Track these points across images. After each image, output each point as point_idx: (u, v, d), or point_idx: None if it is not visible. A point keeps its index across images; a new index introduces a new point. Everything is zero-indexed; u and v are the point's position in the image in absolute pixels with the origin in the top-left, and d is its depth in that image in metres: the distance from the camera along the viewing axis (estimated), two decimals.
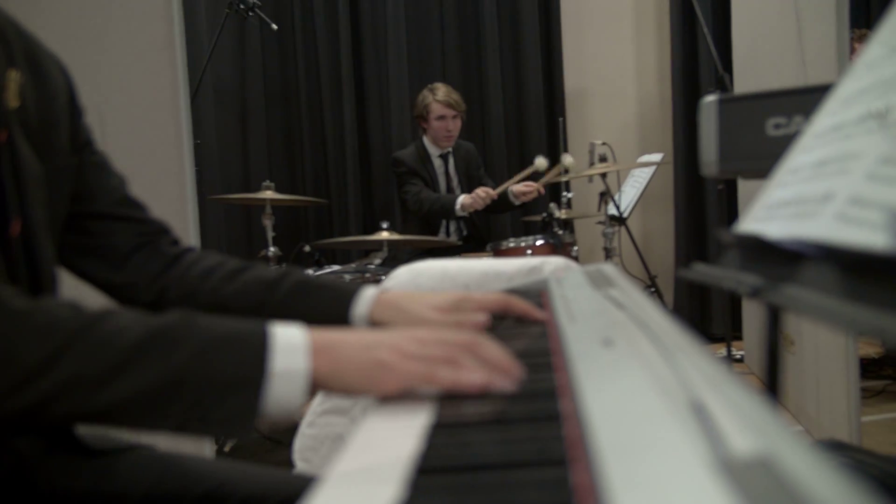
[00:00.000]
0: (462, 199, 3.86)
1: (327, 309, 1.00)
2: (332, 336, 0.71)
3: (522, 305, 0.98)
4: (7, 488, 0.83)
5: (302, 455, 1.79)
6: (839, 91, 0.81)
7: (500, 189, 3.89)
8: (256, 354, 0.66)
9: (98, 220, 1.03)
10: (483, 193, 3.83)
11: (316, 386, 0.68)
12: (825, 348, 2.66)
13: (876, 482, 0.81)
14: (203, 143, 4.29)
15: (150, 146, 2.34)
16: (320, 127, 4.84)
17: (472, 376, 0.67)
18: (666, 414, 0.47)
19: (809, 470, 0.36)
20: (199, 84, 3.74)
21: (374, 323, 0.98)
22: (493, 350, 0.71)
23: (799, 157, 0.82)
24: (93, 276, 1.03)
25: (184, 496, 0.89)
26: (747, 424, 0.43)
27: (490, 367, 0.68)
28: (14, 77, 0.89)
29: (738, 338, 4.25)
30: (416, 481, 0.48)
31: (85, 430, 0.95)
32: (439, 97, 3.99)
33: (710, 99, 1.24)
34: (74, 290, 1.04)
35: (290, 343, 0.68)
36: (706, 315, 4.93)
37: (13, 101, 0.88)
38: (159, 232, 1.08)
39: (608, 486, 0.40)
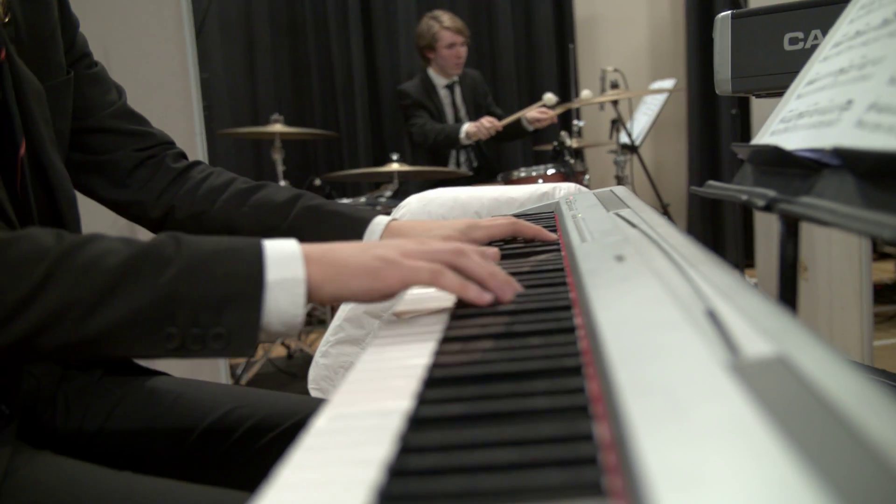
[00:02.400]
0: (467, 127, 3.81)
1: (337, 237, 0.98)
2: (327, 245, 0.69)
3: (531, 227, 0.97)
4: (27, 416, 0.84)
5: (316, 384, 1.81)
6: None
7: (506, 121, 3.84)
8: (250, 266, 0.63)
9: (97, 134, 1.00)
10: (488, 123, 3.78)
11: (315, 294, 0.66)
12: (839, 273, 2.65)
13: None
14: (210, 76, 4.25)
15: (156, 81, 2.31)
16: (328, 58, 4.76)
17: (480, 291, 0.67)
18: (677, 321, 0.46)
19: (825, 368, 0.35)
20: (204, 17, 3.67)
21: None
22: (495, 266, 0.71)
23: (817, 67, 0.80)
24: (98, 194, 1.02)
25: (200, 420, 0.90)
26: (762, 328, 0.42)
27: (491, 272, 0.69)
28: None
29: (751, 266, 4.24)
30: (427, 392, 0.48)
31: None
32: (447, 24, 3.91)
33: (725, 14, 1.21)
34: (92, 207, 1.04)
35: (283, 252, 0.65)
36: (718, 243, 4.92)
37: (2, 17, 0.84)
38: (162, 145, 1.05)
39: (618, 390, 0.39)
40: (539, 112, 3.85)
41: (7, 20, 0.84)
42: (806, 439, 0.30)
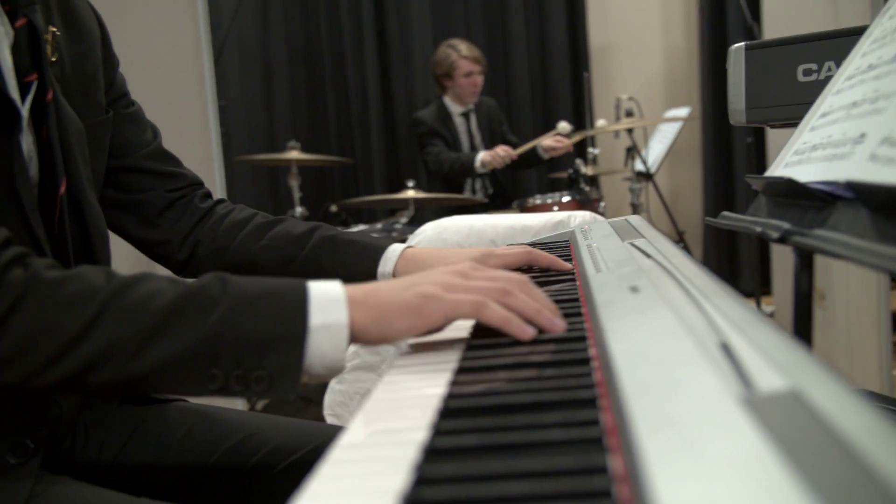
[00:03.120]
0: (482, 156, 3.82)
1: (354, 265, 1.00)
2: (369, 285, 0.69)
3: (547, 257, 0.98)
4: (48, 442, 0.85)
5: (332, 410, 1.82)
6: (873, 30, 0.78)
7: (520, 150, 3.85)
8: (294, 310, 0.64)
9: (132, 174, 1.02)
10: (503, 152, 3.79)
11: (359, 337, 0.66)
12: (856, 302, 2.63)
13: None
14: (228, 104, 4.30)
15: (174, 108, 2.34)
16: (344, 86, 4.81)
17: (522, 326, 0.66)
18: (691, 354, 0.47)
19: (838, 403, 0.36)
20: (222, 45, 3.73)
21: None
22: (540, 292, 0.71)
23: (830, 100, 0.81)
24: (128, 233, 1.03)
25: (216, 446, 0.90)
26: (776, 363, 0.42)
27: (538, 308, 0.68)
28: (51, 31, 0.86)
29: (768, 293, 4.21)
30: (443, 422, 0.48)
31: None
32: (465, 53, 3.93)
33: (739, 45, 1.22)
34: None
35: (327, 296, 0.66)
36: (735, 270, 4.90)
37: (50, 55, 0.86)
38: (192, 186, 1.08)
39: (632, 422, 0.40)
40: (555, 140, 3.86)
41: (54, 60, 0.86)
42: (818, 475, 0.30)
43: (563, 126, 3.81)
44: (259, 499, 0.88)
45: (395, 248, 1.01)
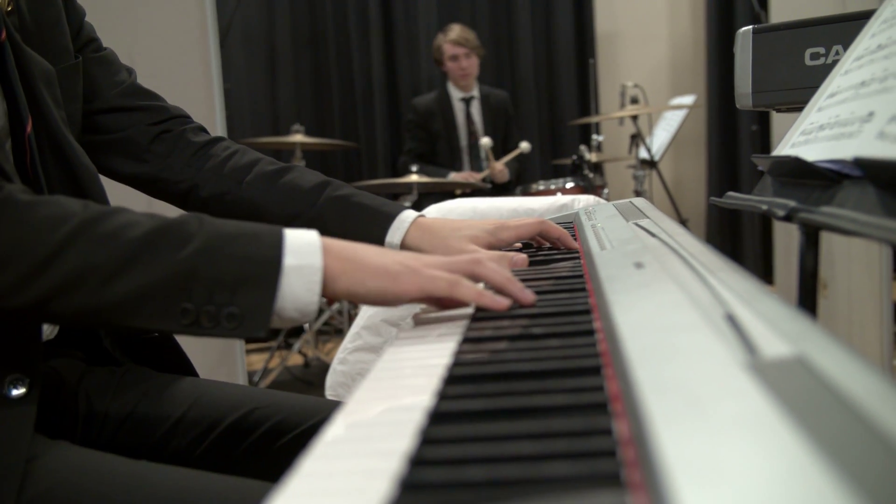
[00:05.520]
0: (452, 177, 3.91)
1: (363, 230, 0.98)
2: (347, 242, 0.70)
3: (558, 228, 0.98)
4: (48, 409, 0.85)
5: (334, 391, 1.82)
6: (883, 11, 0.78)
7: (484, 173, 3.91)
8: (269, 250, 0.65)
9: (108, 114, 1.01)
10: (462, 178, 3.87)
11: (330, 286, 0.67)
12: (858, 291, 2.64)
13: None
14: (232, 87, 4.29)
15: (179, 90, 2.33)
16: (348, 70, 4.80)
17: (495, 298, 0.68)
18: (696, 325, 0.47)
19: (844, 368, 0.36)
20: (227, 28, 3.72)
21: (407, 249, 0.98)
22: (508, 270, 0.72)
23: (838, 81, 0.81)
24: (118, 172, 1.02)
25: (220, 419, 0.90)
26: (781, 331, 0.42)
27: (508, 277, 0.70)
28: None
29: (769, 283, 4.21)
30: (448, 388, 0.49)
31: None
32: (451, 37, 4.00)
33: (746, 28, 1.21)
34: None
35: (303, 241, 0.67)
36: (737, 260, 4.89)
37: (5, 6, 0.85)
38: (176, 119, 1.06)
39: (637, 388, 0.40)
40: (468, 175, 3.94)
41: (10, 9, 0.85)
42: (825, 434, 0.30)
43: (486, 141, 3.82)
44: (262, 469, 0.88)
45: (406, 216, 0.99)
